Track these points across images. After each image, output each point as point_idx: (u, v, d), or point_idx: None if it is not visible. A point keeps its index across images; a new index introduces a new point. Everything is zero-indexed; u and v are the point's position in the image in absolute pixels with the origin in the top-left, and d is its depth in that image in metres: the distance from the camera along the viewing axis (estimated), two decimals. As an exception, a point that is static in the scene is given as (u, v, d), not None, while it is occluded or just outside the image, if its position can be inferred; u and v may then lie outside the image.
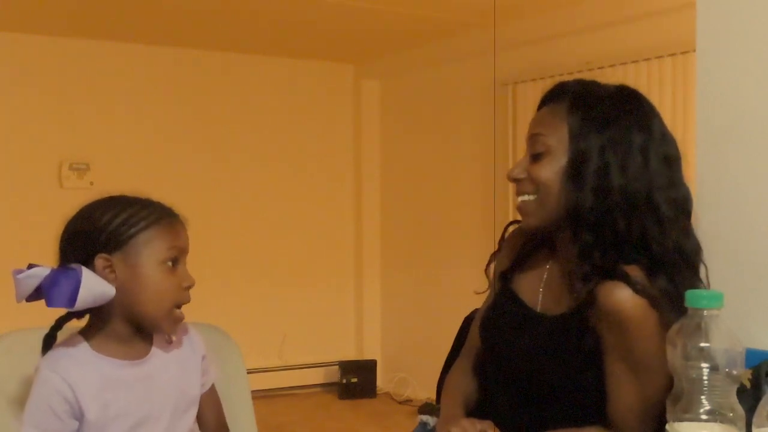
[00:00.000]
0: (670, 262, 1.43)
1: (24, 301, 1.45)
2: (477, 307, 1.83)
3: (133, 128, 5.56)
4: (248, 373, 1.82)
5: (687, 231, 1.48)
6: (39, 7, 4.72)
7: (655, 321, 1.37)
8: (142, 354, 1.52)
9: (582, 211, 1.45)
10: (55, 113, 5.35)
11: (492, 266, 1.75)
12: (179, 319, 1.50)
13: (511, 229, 1.73)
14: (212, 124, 5.81)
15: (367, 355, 6.16)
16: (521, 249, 1.68)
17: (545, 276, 1.60)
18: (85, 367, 1.46)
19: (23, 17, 4.93)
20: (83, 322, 1.52)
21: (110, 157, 5.41)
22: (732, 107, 1.62)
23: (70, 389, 1.43)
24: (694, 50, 1.68)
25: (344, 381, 5.90)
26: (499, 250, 1.74)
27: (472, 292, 1.81)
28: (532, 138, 1.54)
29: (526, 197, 1.54)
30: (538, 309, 1.58)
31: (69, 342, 1.49)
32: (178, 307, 1.49)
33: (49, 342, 1.51)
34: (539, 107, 1.59)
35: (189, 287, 1.49)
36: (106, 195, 1.52)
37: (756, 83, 1.58)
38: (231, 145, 5.87)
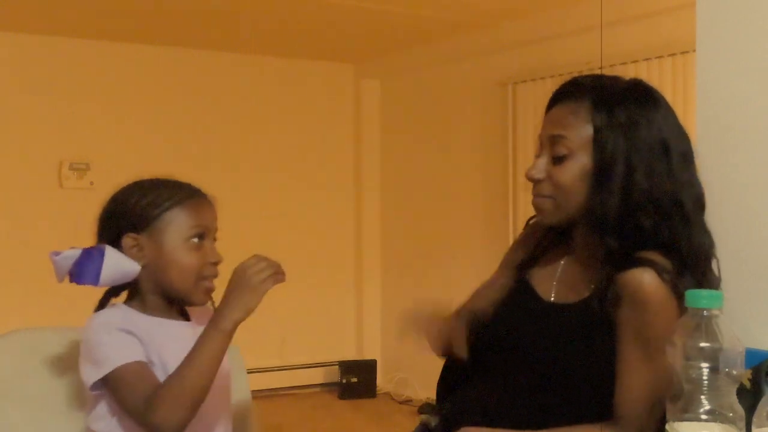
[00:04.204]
0: (697, 260, 1.44)
1: (67, 281, 1.52)
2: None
3: (133, 128, 5.56)
4: (248, 373, 1.82)
5: (705, 228, 1.49)
6: (39, 7, 4.72)
7: (675, 309, 1.36)
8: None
9: (608, 217, 1.45)
10: (55, 113, 5.35)
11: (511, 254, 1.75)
12: (210, 290, 1.55)
13: (532, 223, 1.73)
14: (212, 124, 5.81)
15: (367, 355, 6.16)
16: (539, 243, 1.68)
17: (559, 270, 1.60)
18: (135, 319, 1.51)
19: (23, 17, 4.93)
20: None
21: (110, 157, 5.41)
22: (732, 107, 1.62)
23: (129, 329, 1.47)
24: (694, 50, 1.68)
25: (344, 381, 5.90)
26: (520, 241, 1.73)
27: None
28: (553, 139, 1.51)
29: (542, 198, 1.53)
30: (552, 299, 1.58)
31: (113, 306, 1.56)
32: (206, 279, 1.54)
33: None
34: (552, 104, 1.56)
35: (216, 263, 1.55)
36: (138, 179, 1.62)
37: (756, 83, 1.58)
38: (231, 145, 5.87)
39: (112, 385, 1.43)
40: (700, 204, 1.49)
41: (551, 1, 4.59)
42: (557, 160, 1.50)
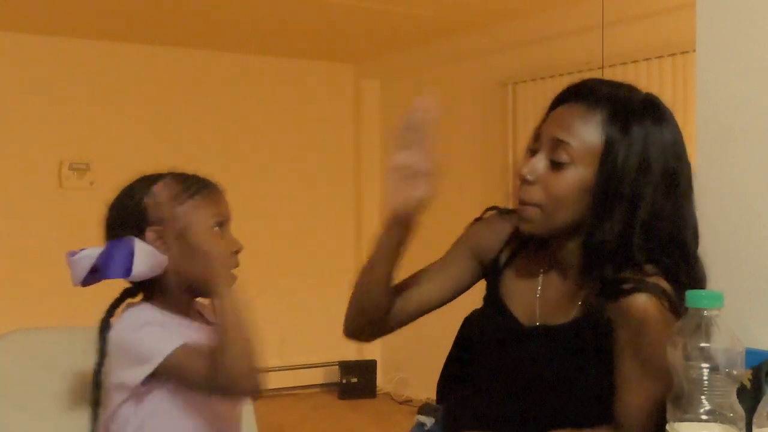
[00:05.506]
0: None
1: (80, 286, 1.45)
2: (477, 307, 1.82)
3: (134, 128, 5.56)
4: (248, 373, 1.82)
5: (700, 260, 1.42)
6: (39, 7, 4.72)
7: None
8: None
9: (607, 246, 1.36)
10: (55, 113, 5.35)
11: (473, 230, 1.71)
12: (234, 280, 1.55)
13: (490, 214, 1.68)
14: (212, 124, 5.81)
15: (367, 355, 6.16)
16: (511, 242, 1.60)
17: (540, 286, 1.52)
18: (160, 317, 1.49)
19: (23, 17, 4.93)
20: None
21: (110, 157, 5.41)
22: (732, 107, 1.62)
23: (158, 323, 1.45)
24: (694, 50, 1.68)
25: (344, 381, 5.90)
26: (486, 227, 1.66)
27: (472, 293, 1.80)
28: (555, 143, 1.40)
29: (529, 206, 1.43)
30: (537, 322, 1.49)
31: (135, 307, 1.52)
32: (230, 269, 1.54)
33: (105, 326, 1.50)
34: (558, 103, 1.47)
35: (237, 251, 1.57)
36: (142, 174, 1.60)
37: (756, 83, 1.58)
38: (231, 145, 5.87)
39: (166, 375, 1.42)
40: (696, 236, 1.42)
41: (551, 1, 4.59)
42: (555, 165, 1.39)
